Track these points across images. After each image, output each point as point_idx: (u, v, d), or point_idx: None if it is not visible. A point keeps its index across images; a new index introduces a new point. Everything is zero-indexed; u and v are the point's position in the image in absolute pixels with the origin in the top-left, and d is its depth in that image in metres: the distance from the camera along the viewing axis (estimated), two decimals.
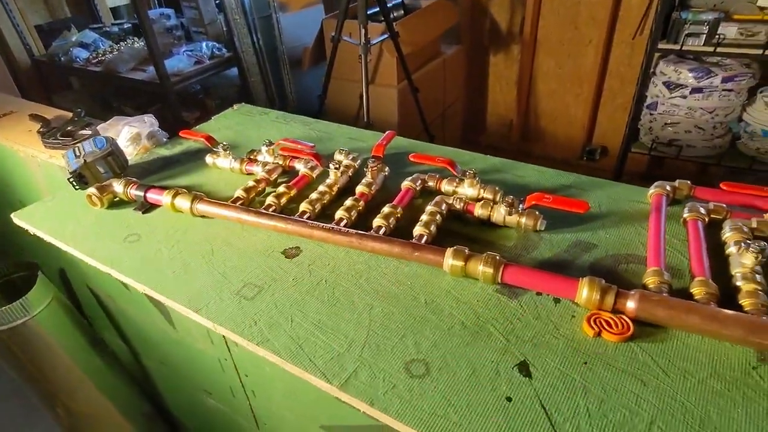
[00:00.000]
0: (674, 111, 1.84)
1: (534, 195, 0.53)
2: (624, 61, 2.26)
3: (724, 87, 1.73)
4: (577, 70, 2.37)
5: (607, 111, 2.42)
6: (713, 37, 1.63)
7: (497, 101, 2.67)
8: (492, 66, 2.59)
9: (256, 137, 0.83)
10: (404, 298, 0.48)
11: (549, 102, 2.54)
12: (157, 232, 0.61)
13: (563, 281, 0.46)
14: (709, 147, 1.86)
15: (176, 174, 0.74)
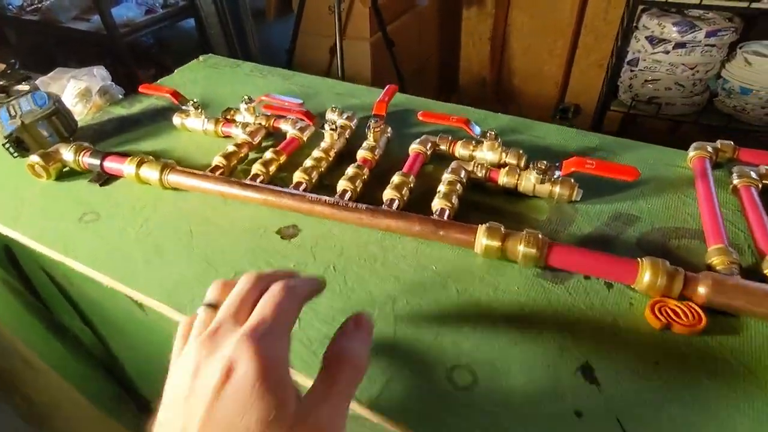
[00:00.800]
0: (656, 67, 1.80)
1: (572, 160, 0.45)
2: (600, 15, 2.19)
3: (707, 42, 1.69)
4: (551, 25, 2.28)
5: (581, 68, 2.36)
6: None
7: (470, 58, 2.57)
8: (464, 20, 2.47)
9: (229, 93, 0.72)
10: (432, 287, 0.41)
11: (523, 59, 2.46)
12: (120, 208, 0.51)
13: (620, 263, 0.39)
14: (687, 105, 1.84)
15: (137, 137, 0.63)
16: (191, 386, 0.25)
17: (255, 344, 0.25)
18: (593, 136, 0.59)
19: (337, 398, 0.26)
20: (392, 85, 0.61)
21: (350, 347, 0.29)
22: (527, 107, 2.53)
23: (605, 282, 0.41)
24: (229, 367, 0.24)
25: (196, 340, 0.27)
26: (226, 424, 0.23)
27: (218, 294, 0.30)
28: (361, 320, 0.30)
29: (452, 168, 0.51)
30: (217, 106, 0.68)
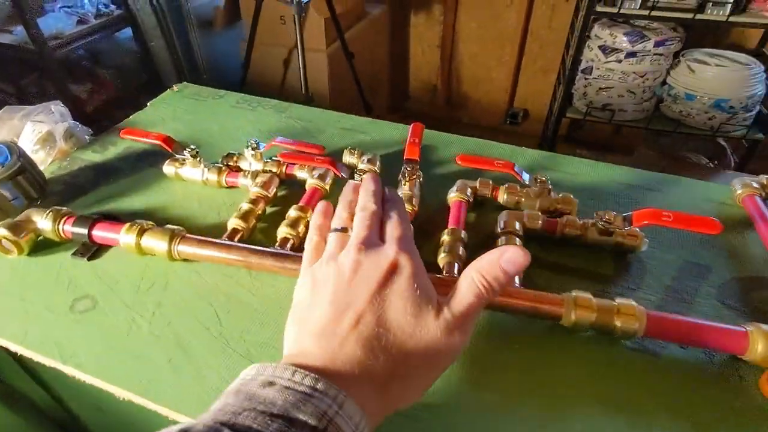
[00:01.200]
0: (609, 75, 1.86)
1: (645, 212, 0.42)
2: (544, 23, 2.25)
3: (655, 51, 1.77)
4: (498, 32, 2.33)
5: (528, 74, 2.43)
6: (648, 0, 1.63)
7: (420, 65, 2.57)
8: (413, 27, 2.47)
9: (219, 131, 0.63)
10: (518, 364, 0.36)
11: (471, 66, 2.49)
12: (121, 290, 0.42)
13: (727, 333, 0.36)
14: (638, 111, 1.92)
15: (121, 191, 0.53)
16: (352, 275, 0.30)
17: (407, 251, 0.31)
18: (628, 172, 0.56)
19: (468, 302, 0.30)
20: (418, 123, 0.55)
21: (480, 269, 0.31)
22: (478, 113, 2.56)
23: (704, 351, 0.37)
24: (392, 264, 0.30)
25: (351, 248, 0.32)
26: (389, 305, 0.29)
27: (344, 221, 0.36)
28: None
29: (504, 220, 0.46)
30: (207, 147, 0.60)
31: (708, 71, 1.75)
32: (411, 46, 2.50)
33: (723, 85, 1.73)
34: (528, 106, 2.52)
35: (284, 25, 1.79)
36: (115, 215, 0.48)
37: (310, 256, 0.35)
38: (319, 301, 0.30)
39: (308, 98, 1.56)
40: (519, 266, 0.30)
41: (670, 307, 0.41)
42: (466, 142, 0.62)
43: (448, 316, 0.29)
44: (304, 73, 1.53)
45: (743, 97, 1.73)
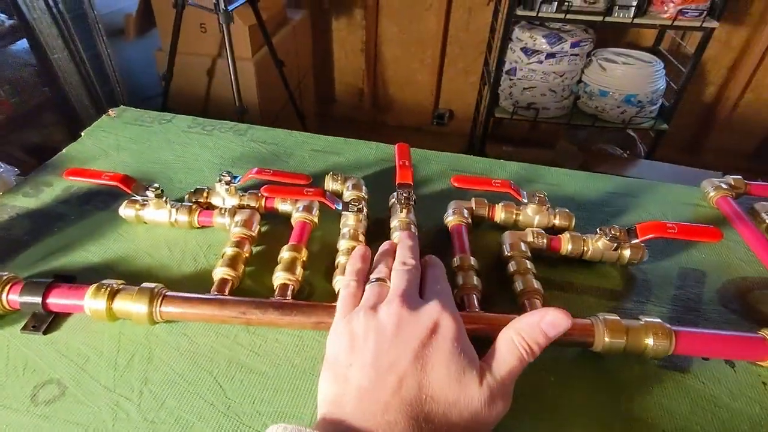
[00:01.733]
0: (532, 76, 1.95)
1: (650, 225, 0.42)
2: (462, 27, 2.33)
3: (572, 51, 1.88)
4: (420, 36, 2.38)
5: (450, 75, 2.50)
6: (563, 5, 1.72)
7: (344, 70, 2.56)
8: (335, 32, 2.45)
9: (174, 161, 0.56)
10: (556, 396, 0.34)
11: (396, 68, 2.53)
12: (94, 368, 0.35)
13: (748, 342, 0.36)
14: (559, 108, 2.03)
15: (70, 243, 0.44)
16: (394, 333, 0.29)
17: (450, 310, 0.31)
18: (607, 179, 0.57)
19: (510, 367, 0.29)
20: (402, 144, 0.52)
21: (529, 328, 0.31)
22: (404, 115, 2.60)
23: (725, 361, 0.38)
24: (434, 324, 0.30)
25: (392, 301, 0.31)
26: (433, 367, 0.28)
27: (382, 274, 0.36)
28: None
29: (510, 243, 0.44)
30: (165, 181, 0.53)
31: (617, 69, 1.89)
32: (334, 50, 2.47)
33: (631, 82, 1.88)
34: (453, 107, 2.58)
35: (205, 33, 1.68)
36: (69, 274, 0.40)
37: (346, 302, 0.34)
38: (360, 360, 0.29)
39: (243, 110, 1.47)
40: (561, 330, 0.30)
41: (683, 317, 0.41)
42: (443, 158, 0.60)
43: (491, 382, 0.28)
44: (236, 83, 1.44)
45: (648, 92, 1.89)
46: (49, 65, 1.64)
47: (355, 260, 0.39)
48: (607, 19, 1.71)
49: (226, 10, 1.34)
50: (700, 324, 0.41)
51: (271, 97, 1.89)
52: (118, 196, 0.48)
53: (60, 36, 1.62)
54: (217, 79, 1.80)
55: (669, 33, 2.04)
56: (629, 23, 1.71)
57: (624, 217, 0.52)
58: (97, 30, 1.69)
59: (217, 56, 1.76)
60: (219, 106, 1.82)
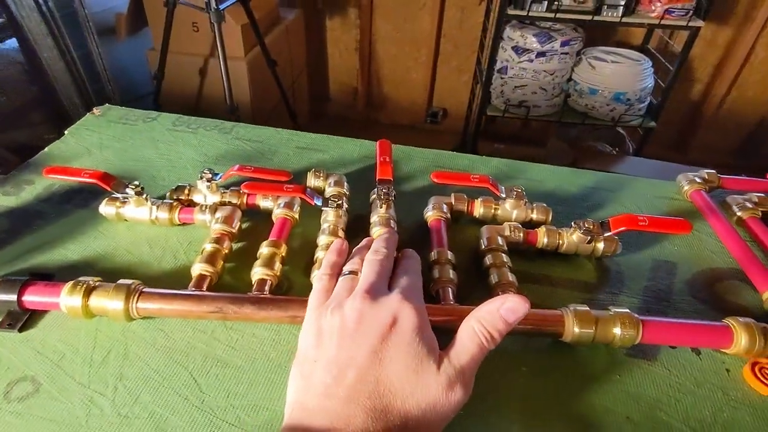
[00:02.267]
0: (522, 74, 1.96)
1: (621, 218, 0.43)
2: (455, 25, 2.34)
3: (562, 50, 1.89)
4: (414, 34, 2.39)
5: (444, 74, 2.51)
6: (552, 4, 1.73)
7: (338, 68, 2.57)
8: (329, 31, 2.46)
9: (158, 160, 0.56)
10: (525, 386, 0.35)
11: (390, 67, 2.53)
12: (69, 365, 0.35)
13: (714, 331, 0.37)
14: (550, 106, 2.04)
15: (49, 241, 0.45)
16: (355, 329, 0.30)
17: (413, 302, 0.31)
18: (589, 175, 0.58)
19: (470, 354, 0.30)
20: (384, 140, 0.52)
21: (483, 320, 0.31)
22: (398, 113, 2.60)
23: (691, 349, 0.39)
24: (394, 316, 0.30)
25: (356, 296, 0.32)
26: (390, 359, 0.28)
27: (356, 266, 0.36)
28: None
29: (487, 236, 0.45)
30: (147, 179, 0.53)
31: (606, 68, 1.90)
32: (328, 49, 2.47)
33: (620, 80, 1.89)
34: (446, 105, 2.59)
35: (197, 32, 1.68)
36: (47, 272, 0.41)
37: (318, 296, 0.35)
38: (324, 356, 0.30)
39: (234, 108, 1.47)
40: (519, 315, 0.31)
41: (653, 308, 0.42)
42: (427, 154, 0.60)
43: (449, 370, 0.29)
44: (227, 83, 1.44)
45: (637, 90, 1.90)
46: (38, 63, 1.63)
47: (331, 254, 0.39)
48: (596, 18, 1.72)
49: (217, 9, 1.35)
50: (669, 314, 0.41)
51: (263, 95, 1.89)
52: (99, 195, 0.48)
53: (49, 34, 1.61)
54: (209, 78, 1.80)
55: (657, 32, 2.05)
56: (617, 22, 1.72)
57: (601, 211, 0.52)
58: (87, 28, 1.68)
59: (209, 55, 1.75)
60: (211, 104, 1.82)
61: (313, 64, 2.46)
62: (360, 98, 2.59)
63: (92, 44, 1.70)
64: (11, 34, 1.61)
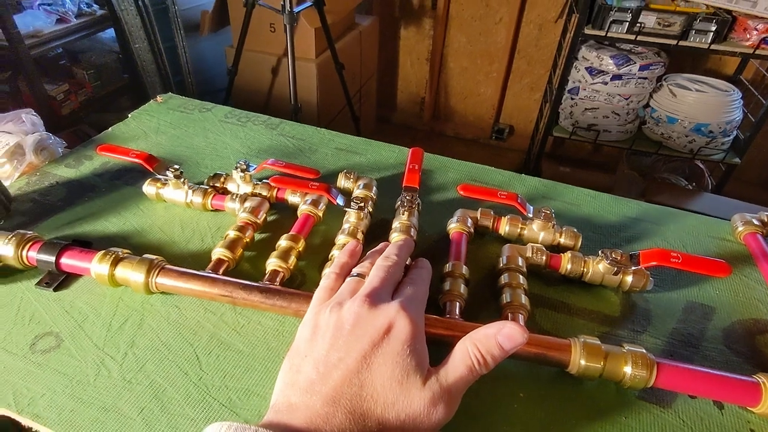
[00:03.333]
0: (595, 96, 1.88)
1: (653, 252, 0.40)
2: (532, 42, 2.28)
3: (640, 74, 1.80)
4: (487, 48, 2.36)
5: (515, 91, 2.46)
6: (634, 25, 1.65)
7: (408, 77, 2.58)
8: (403, 39, 2.48)
9: (205, 147, 0.60)
10: (524, 417, 0.33)
11: (460, 80, 2.51)
12: (90, 326, 0.38)
13: (739, 385, 0.34)
14: (622, 132, 1.94)
15: (95, 212, 0.49)
16: (350, 331, 0.30)
17: (410, 313, 0.31)
18: (632, 204, 0.55)
19: (459, 374, 0.29)
20: (417, 148, 0.53)
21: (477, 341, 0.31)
22: (464, 127, 2.58)
23: (714, 401, 0.36)
24: (389, 324, 0.30)
25: (356, 299, 0.32)
26: (378, 366, 0.28)
27: (365, 269, 0.37)
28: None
29: (507, 255, 0.44)
30: (193, 165, 0.56)
31: (689, 96, 1.78)
32: (400, 58, 2.50)
33: (703, 110, 1.77)
34: (513, 122, 2.54)
35: (274, 33, 1.76)
36: (87, 240, 0.44)
37: (322, 293, 0.35)
38: (315, 352, 0.30)
39: (297, 108, 1.53)
40: (516, 344, 0.30)
41: (678, 352, 0.39)
42: (463, 167, 0.60)
43: (435, 387, 0.29)
44: (293, 83, 1.50)
45: (722, 122, 1.77)
46: (130, 54, 1.78)
47: (343, 254, 0.40)
48: (681, 44, 1.62)
49: (291, 12, 1.40)
50: (695, 361, 0.38)
51: (331, 98, 1.94)
52: (147, 175, 0.52)
53: (143, 27, 1.76)
54: (280, 77, 1.87)
55: (754, 63, 1.90)
56: (705, 49, 1.61)
57: (638, 243, 0.49)
58: (176, 24, 1.81)
59: (283, 55, 1.83)
60: (278, 103, 1.89)
61: (383, 72, 2.50)
62: (427, 109, 2.60)
63: (178, 39, 1.83)
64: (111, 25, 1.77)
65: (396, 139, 0.62)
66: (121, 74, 1.89)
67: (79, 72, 1.75)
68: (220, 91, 2.07)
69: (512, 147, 2.54)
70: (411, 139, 2.57)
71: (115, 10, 1.70)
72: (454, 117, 2.59)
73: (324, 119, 1.94)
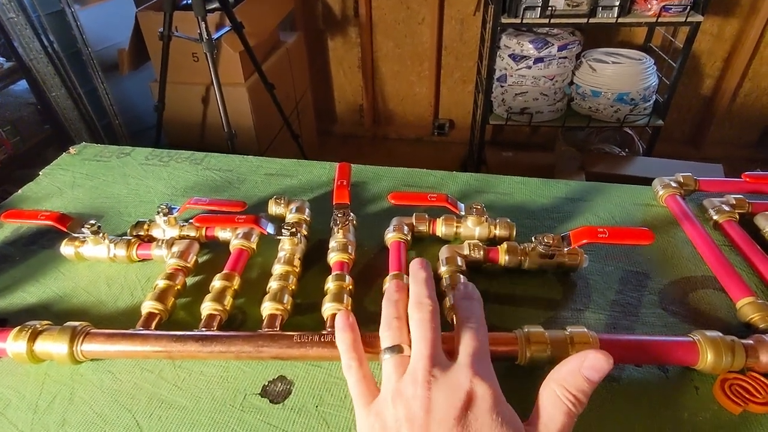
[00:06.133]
0: (522, 81, 1.94)
1: (581, 230, 0.41)
2: (456, 37, 2.34)
3: (560, 55, 1.87)
4: (415, 49, 2.40)
5: (448, 86, 2.51)
6: (546, 9, 1.72)
7: (343, 87, 2.59)
8: (331, 51, 2.49)
9: (127, 194, 0.57)
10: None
11: (394, 83, 2.55)
12: (13, 414, 0.35)
13: (677, 347, 0.35)
14: (552, 111, 2.01)
15: (10, 285, 0.45)
16: (426, 418, 0.26)
17: (484, 375, 0.28)
18: (561, 184, 0.56)
19: (561, 424, 0.27)
20: (344, 163, 0.52)
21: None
22: (405, 128, 2.61)
23: (658, 367, 0.37)
24: (468, 397, 0.26)
25: (418, 380, 0.27)
26: None
27: (396, 335, 0.31)
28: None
29: (446, 257, 0.44)
30: (114, 215, 0.54)
31: (607, 69, 1.87)
32: (332, 69, 2.50)
33: (622, 80, 1.86)
34: (452, 116, 2.59)
35: (197, 62, 1.71)
36: (1, 317, 0.41)
37: (360, 390, 0.30)
38: None
39: (232, 135, 1.50)
40: (603, 373, 0.28)
41: (620, 323, 0.40)
42: (396, 173, 0.60)
43: None
44: (224, 109, 1.46)
45: (641, 89, 1.87)
46: (48, 103, 1.69)
47: (343, 333, 0.33)
48: (591, 21, 1.70)
49: (210, 39, 1.37)
50: (637, 329, 0.39)
51: (267, 120, 1.91)
52: (64, 235, 0.49)
53: (57, 74, 1.67)
54: (211, 105, 1.83)
55: (660, 30, 2.02)
56: (614, 23, 1.70)
57: (570, 222, 0.51)
58: (92, 66, 1.74)
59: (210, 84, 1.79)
60: (214, 132, 1.85)
61: (317, 85, 2.49)
62: (366, 115, 2.61)
63: (97, 81, 1.75)
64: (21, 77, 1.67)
65: (340, 149, 0.61)
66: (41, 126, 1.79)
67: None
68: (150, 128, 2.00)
69: (455, 140, 2.59)
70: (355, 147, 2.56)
71: (23, 61, 1.61)
72: (395, 119, 2.61)
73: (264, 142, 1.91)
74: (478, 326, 0.31)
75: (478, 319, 0.32)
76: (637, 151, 2.10)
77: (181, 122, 1.80)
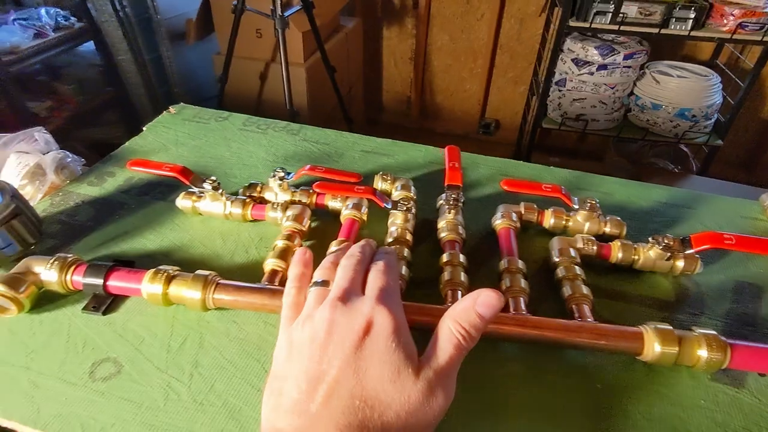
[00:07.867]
0: (582, 87, 1.91)
1: (705, 235, 0.40)
2: (513, 36, 2.31)
3: (625, 63, 1.83)
4: (470, 45, 2.37)
5: (499, 85, 2.48)
6: (617, 16, 1.68)
7: (393, 77, 2.58)
8: (386, 40, 2.48)
9: (230, 156, 0.58)
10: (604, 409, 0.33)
11: (444, 77, 2.53)
12: (148, 350, 0.36)
13: None
14: (609, 120, 1.97)
15: (130, 230, 0.47)
16: (326, 339, 0.28)
17: (387, 306, 0.29)
18: (660, 189, 0.56)
19: (449, 356, 0.28)
20: (453, 146, 0.52)
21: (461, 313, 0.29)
22: (451, 123, 2.59)
23: None
24: (368, 322, 0.28)
25: (326, 305, 0.29)
26: (365, 370, 0.26)
27: (326, 273, 0.33)
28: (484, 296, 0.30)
29: (559, 248, 0.43)
30: (221, 175, 0.55)
31: (671, 82, 1.82)
32: (384, 58, 2.50)
33: (685, 95, 1.81)
34: (499, 116, 2.56)
35: (261, 38, 1.74)
36: (127, 259, 0.43)
37: (288, 313, 0.32)
38: (294, 371, 0.28)
39: (294, 113, 1.51)
40: (494, 309, 0.29)
41: (737, 332, 0.39)
42: (491, 162, 0.59)
43: (429, 375, 0.27)
44: (288, 88, 1.48)
45: (704, 106, 1.81)
46: (114, 66, 1.74)
47: (295, 266, 0.36)
48: (662, 32, 1.65)
49: (282, 16, 1.39)
50: (756, 340, 0.38)
51: (320, 101, 1.93)
52: (174, 188, 0.50)
53: (125, 39, 1.71)
54: (269, 82, 1.85)
55: (728, 47, 1.95)
56: (686, 36, 1.65)
57: (677, 228, 0.50)
58: (159, 34, 1.77)
59: (271, 61, 1.81)
60: (270, 108, 1.87)
61: (369, 72, 2.50)
62: (414, 107, 2.60)
63: (163, 48, 1.79)
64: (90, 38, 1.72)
65: (387, 138, 0.61)
66: (104, 87, 1.84)
67: (61, 87, 1.70)
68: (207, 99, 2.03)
69: (500, 141, 2.56)
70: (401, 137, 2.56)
71: (95, 23, 1.65)
72: (442, 114, 2.60)
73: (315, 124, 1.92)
74: (389, 272, 0.32)
75: (390, 268, 0.33)
76: (690, 169, 2.04)
77: (239, 96, 1.83)
